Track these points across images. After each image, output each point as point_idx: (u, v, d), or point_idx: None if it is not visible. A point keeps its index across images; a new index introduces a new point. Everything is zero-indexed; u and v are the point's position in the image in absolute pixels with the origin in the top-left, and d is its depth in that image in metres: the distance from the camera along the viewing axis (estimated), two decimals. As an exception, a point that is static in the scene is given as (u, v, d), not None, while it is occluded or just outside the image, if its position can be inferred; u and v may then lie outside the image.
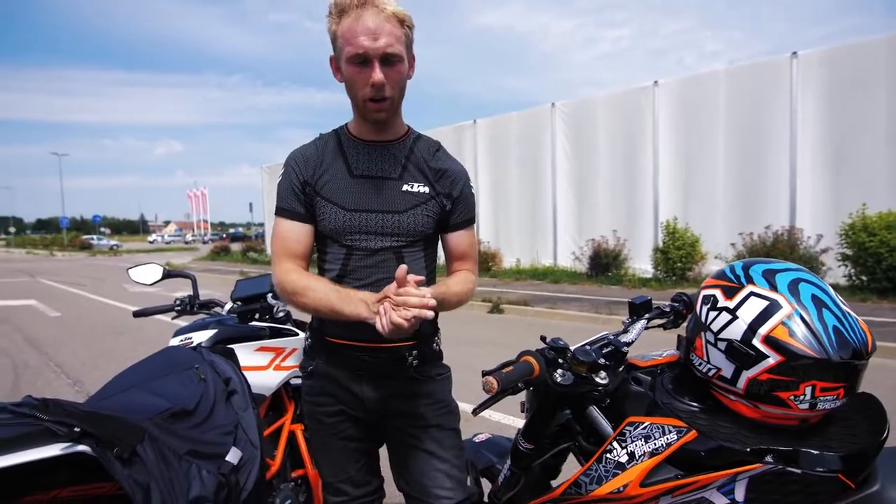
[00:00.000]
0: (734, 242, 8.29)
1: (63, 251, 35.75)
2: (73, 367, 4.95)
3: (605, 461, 0.98)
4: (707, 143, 9.36)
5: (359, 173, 1.17)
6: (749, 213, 8.68)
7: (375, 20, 1.04)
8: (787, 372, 0.83)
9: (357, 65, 1.08)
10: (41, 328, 6.94)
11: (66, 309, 8.71)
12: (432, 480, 1.18)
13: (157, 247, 46.56)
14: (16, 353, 5.53)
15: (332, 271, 1.18)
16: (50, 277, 15.12)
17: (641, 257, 9.98)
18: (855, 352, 0.82)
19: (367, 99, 1.10)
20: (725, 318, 0.90)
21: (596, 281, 9.90)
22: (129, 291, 10.43)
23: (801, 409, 0.84)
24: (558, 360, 1.03)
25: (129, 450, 0.99)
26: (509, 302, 7.85)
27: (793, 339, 0.83)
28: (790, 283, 0.89)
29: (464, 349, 4.42)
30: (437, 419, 1.22)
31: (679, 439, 0.91)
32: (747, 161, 8.90)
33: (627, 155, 10.40)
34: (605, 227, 10.43)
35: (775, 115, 8.56)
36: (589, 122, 11.04)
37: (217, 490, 1.12)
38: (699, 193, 9.52)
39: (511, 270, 11.99)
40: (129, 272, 1.99)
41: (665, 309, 1.30)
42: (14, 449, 0.89)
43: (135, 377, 1.36)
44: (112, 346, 5.70)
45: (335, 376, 1.20)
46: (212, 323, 1.75)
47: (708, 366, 0.93)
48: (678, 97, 9.77)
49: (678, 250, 9.02)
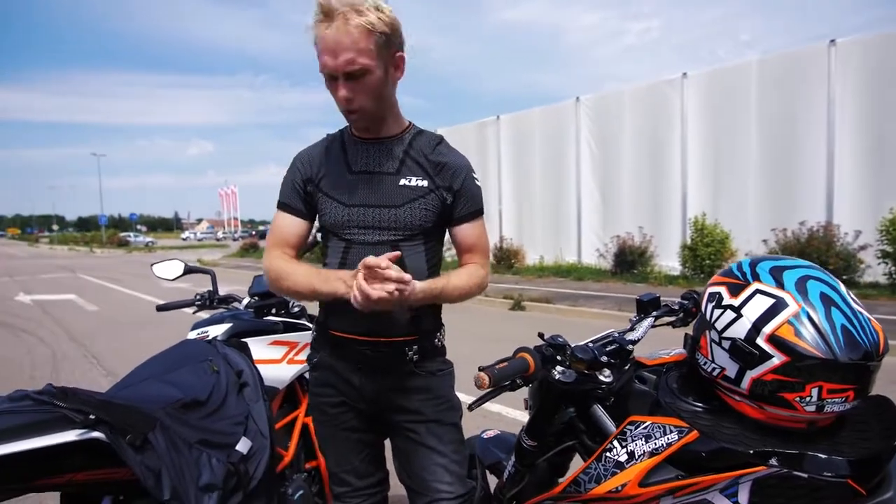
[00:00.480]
0: (766, 239, 8.01)
1: (102, 248, 37.25)
2: (108, 358, 5.16)
3: (605, 460, 0.97)
4: (738, 135, 9.06)
5: (357, 169, 1.21)
6: (782, 209, 8.37)
7: (337, 35, 1.03)
8: (793, 372, 0.81)
9: (326, 78, 1.11)
10: (80, 321, 7.27)
11: (103, 303, 9.09)
12: (432, 475, 1.20)
13: (189, 244, 47.98)
14: (56, 344, 5.81)
15: (333, 264, 1.21)
16: (89, 273, 15.78)
17: (668, 254, 9.75)
18: (865, 353, 0.79)
19: (342, 110, 1.14)
20: (730, 316, 0.88)
21: (621, 278, 9.72)
22: (163, 287, 10.79)
23: (807, 411, 0.81)
24: (556, 358, 1.02)
25: (141, 437, 1.03)
26: (531, 299, 7.80)
27: (798, 339, 0.80)
28: (798, 281, 0.85)
29: (484, 346, 4.41)
30: (438, 414, 1.23)
31: (680, 439, 0.89)
32: (781, 154, 8.57)
33: (654, 149, 10.16)
34: (631, 224, 10.23)
35: (812, 105, 8.22)
36: (614, 116, 10.83)
37: (226, 478, 1.16)
38: (729, 188, 9.23)
39: (534, 267, 11.89)
40: (152, 268, 2.06)
41: (674, 307, 1.27)
42: (32, 434, 0.94)
43: (153, 368, 1.41)
44: (145, 339, 5.91)
45: (337, 368, 1.23)
46: (227, 317, 1.79)
47: (712, 365, 0.91)
48: (708, 89, 9.49)
49: (707, 247, 8.77)
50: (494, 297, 8.16)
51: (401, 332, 1.20)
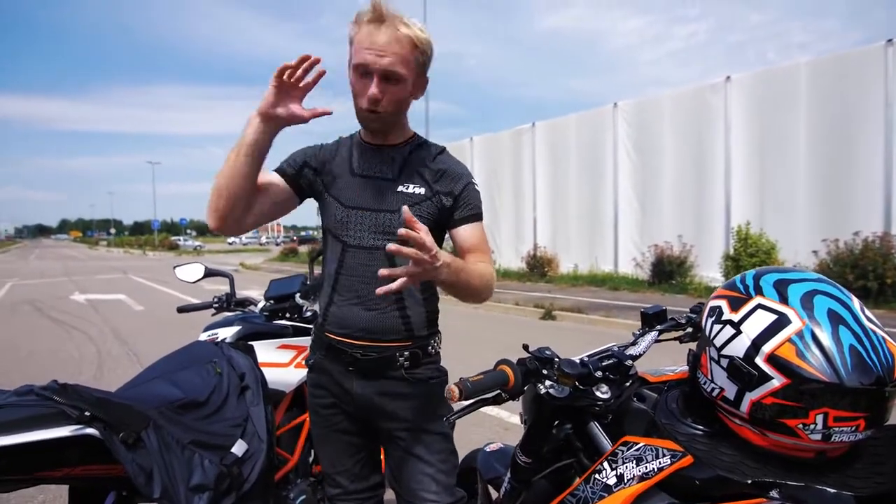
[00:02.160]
0: (816, 250, 7.55)
1: (154, 251, 39.27)
2: (149, 357, 5.39)
3: (594, 482, 0.91)
4: (786, 141, 8.60)
5: (359, 172, 1.23)
6: (834, 218, 7.86)
7: (386, 38, 1.09)
8: (795, 397, 0.73)
9: (360, 74, 1.13)
10: (126, 320, 7.65)
11: (149, 304, 9.54)
12: (419, 483, 1.20)
13: (235, 248, 49.86)
14: (102, 342, 6.13)
15: (332, 265, 1.23)
16: (140, 274, 16.63)
17: (710, 265, 9.34)
18: (877, 377, 0.71)
19: (362, 108, 1.15)
20: (729, 332, 0.81)
21: (658, 289, 9.38)
22: (205, 289, 11.24)
23: (812, 439, 0.74)
24: (542, 372, 0.97)
25: (133, 435, 1.06)
26: (563, 308, 7.63)
27: (800, 360, 0.73)
28: (804, 295, 0.78)
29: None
30: (426, 423, 1.21)
31: (672, 464, 0.83)
32: (833, 160, 8.07)
33: (695, 156, 9.79)
34: (670, 233, 9.87)
35: (867, 108, 7.71)
36: (653, 122, 10.52)
37: (218, 480, 1.17)
38: (776, 196, 8.76)
39: (568, 276, 11.66)
40: (174, 270, 2.13)
41: (681, 320, 1.20)
42: (31, 428, 0.97)
43: (162, 368, 1.45)
44: (185, 339, 6.11)
45: (330, 370, 1.25)
46: (238, 320, 1.83)
47: (712, 385, 0.84)
48: (753, 93, 9.07)
49: (751, 258, 8.34)
50: (525, 306, 8.04)
51: (394, 336, 1.19)
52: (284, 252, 25.02)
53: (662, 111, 10.41)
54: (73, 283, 13.86)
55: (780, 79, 8.79)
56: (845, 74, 7.96)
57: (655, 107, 10.61)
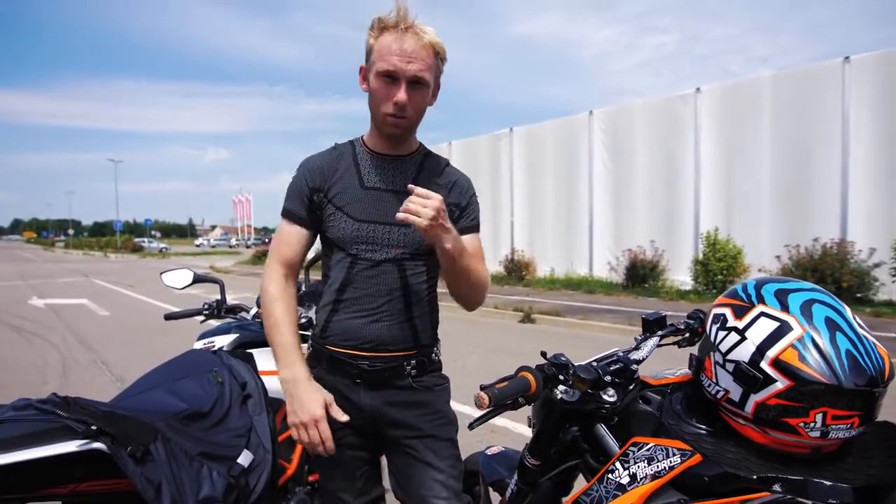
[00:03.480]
0: (779, 255, 7.91)
1: (116, 253, 37.83)
2: (118, 364, 5.21)
3: (607, 482, 0.96)
4: (752, 151, 9.00)
5: (370, 185, 1.21)
6: (796, 225, 8.27)
7: (413, 45, 1.11)
8: (797, 398, 0.79)
9: (386, 81, 1.13)
10: (91, 326, 7.36)
11: (114, 308, 9.20)
12: (429, 491, 1.19)
13: (202, 250, 48.53)
14: (66, 349, 5.88)
15: (337, 278, 1.21)
16: (102, 278, 16.01)
17: (680, 269, 9.67)
18: (870, 379, 0.77)
19: (387, 114, 1.15)
20: (734, 338, 0.87)
21: (632, 292, 9.64)
22: (175, 293, 10.89)
23: (811, 437, 0.80)
24: (559, 377, 1.01)
25: (142, 449, 1.04)
26: (541, 312, 7.75)
27: (802, 364, 0.79)
28: (803, 304, 0.84)
29: (491, 358, 4.35)
30: (435, 430, 1.22)
31: (682, 462, 0.88)
32: (795, 170, 8.50)
33: (667, 163, 10.13)
34: (643, 238, 10.17)
35: (826, 121, 8.15)
36: (627, 130, 10.83)
37: (227, 491, 1.16)
38: (743, 203, 9.15)
39: (545, 279, 11.84)
40: (161, 276, 2.09)
41: (679, 326, 1.26)
42: (35, 444, 0.95)
43: (158, 378, 1.42)
44: (156, 346, 5.96)
45: (334, 384, 1.21)
46: (234, 327, 1.80)
47: (716, 387, 0.90)
48: (721, 104, 9.46)
49: (719, 262, 8.68)
50: (504, 310, 8.13)
51: (399, 346, 1.20)
52: (257, 255, 24.49)
53: (635, 120, 10.73)
54: (30, 287, 13.22)
55: (746, 91, 9.21)
56: (806, 89, 8.40)
57: (629, 115, 10.93)
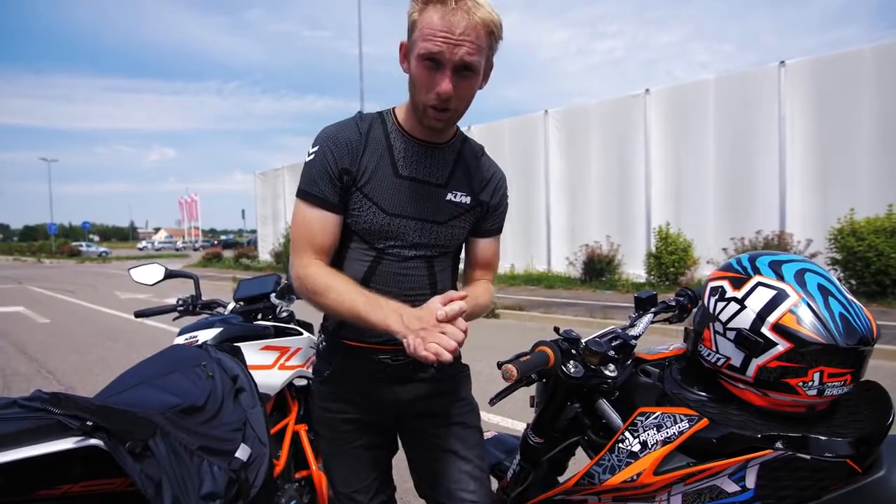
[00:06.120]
0: (725, 248, 8.39)
1: (51, 258, 35.25)
2: (66, 373, 4.88)
3: (618, 451, 0.99)
4: (697, 150, 9.49)
5: (405, 174, 1.08)
6: (740, 219, 8.79)
7: (463, 23, 0.92)
8: (796, 358, 0.85)
9: (428, 65, 0.97)
10: (30, 335, 6.84)
11: (55, 315, 8.59)
12: (457, 483, 1.14)
13: (146, 254, 45.99)
14: (4, 360, 5.44)
15: (358, 272, 1.10)
16: (38, 284, 14.90)
17: (635, 262, 10.06)
18: (861, 338, 0.84)
19: (428, 105, 1.00)
20: (734, 308, 0.92)
21: (590, 286, 9.95)
22: (120, 298, 10.32)
23: (809, 395, 0.86)
24: (571, 352, 1.04)
25: (141, 444, 0.98)
26: (505, 307, 7.88)
27: (801, 327, 0.85)
28: (796, 273, 0.91)
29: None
30: (461, 417, 1.19)
31: (691, 427, 0.93)
32: (737, 167, 9.03)
33: (620, 161, 10.51)
34: (599, 233, 10.51)
35: (764, 122, 8.72)
36: (582, 129, 11.15)
37: (228, 486, 1.12)
38: (690, 199, 9.64)
39: (505, 276, 12.01)
40: (130, 272, 1.98)
41: (671, 303, 1.32)
42: (25, 442, 0.88)
43: (141, 374, 1.35)
44: (105, 353, 5.62)
45: (354, 381, 1.15)
46: (217, 321, 1.74)
47: (717, 356, 0.95)
48: (669, 105, 9.91)
49: (671, 255, 9.10)
50: (467, 306, 8.19)
51: None
52: (206, 257, 23.53)
53: (590, 119, 11.07)
54: (-46, 296, 12.14)
55: (691, 93, 9.70)
56: (746, 90, 8.95)
57: (583, 114, 11.26)
